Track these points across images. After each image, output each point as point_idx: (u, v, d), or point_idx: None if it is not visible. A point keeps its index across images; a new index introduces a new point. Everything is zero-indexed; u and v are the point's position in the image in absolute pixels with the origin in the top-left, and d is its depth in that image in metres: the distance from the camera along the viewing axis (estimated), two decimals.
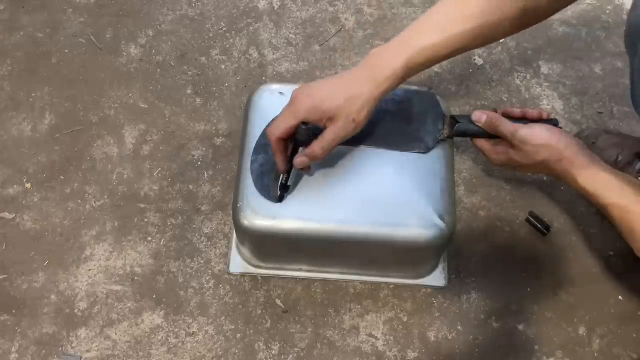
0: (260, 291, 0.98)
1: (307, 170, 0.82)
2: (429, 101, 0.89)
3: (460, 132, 0.87)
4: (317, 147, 0.76)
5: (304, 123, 0.75)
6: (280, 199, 0.83)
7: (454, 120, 0.87)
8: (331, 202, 0.84)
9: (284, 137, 0.77)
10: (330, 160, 0.86)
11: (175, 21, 1.21)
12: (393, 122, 0.87)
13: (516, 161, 0.84)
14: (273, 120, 0.80)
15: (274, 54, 1.17)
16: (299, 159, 0.78)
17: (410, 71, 0.75)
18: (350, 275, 0.97)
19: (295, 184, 0.83)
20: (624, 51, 0.95)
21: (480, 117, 0.85)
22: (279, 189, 0.82)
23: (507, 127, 0.83)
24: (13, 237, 1.01)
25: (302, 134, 0.76)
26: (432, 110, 0.88)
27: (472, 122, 0.86)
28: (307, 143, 0.77)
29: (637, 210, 0.75)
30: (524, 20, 0.77)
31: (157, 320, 0.96)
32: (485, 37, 0.77)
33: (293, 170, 0.81)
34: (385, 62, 0.74)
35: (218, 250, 1.00)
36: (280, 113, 0.77)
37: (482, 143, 0.87)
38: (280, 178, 0.82)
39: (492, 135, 0.85)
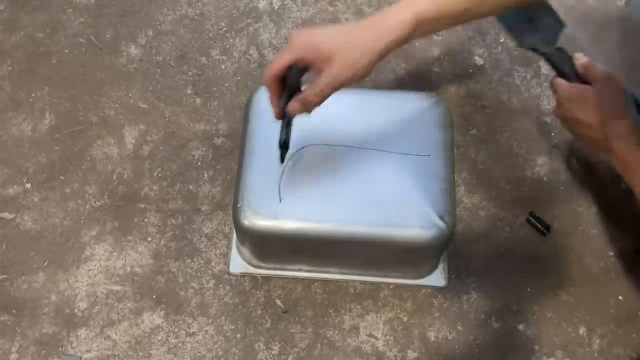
0: (260, 291, 0.98)
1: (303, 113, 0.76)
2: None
3: (553, 59, 0.91)
4: (311, 91, 0.71)
5: (296, 66, 0.71)
6: (281, 159, 0.80)
7: (560, 50, 0.90)
8: (331, 202, 0.84)
9: (279, 75, 0.72)
10: (330, 160, 0.86)
11: (175, 21, 1.21)
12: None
13: (586, 98, 0.84)
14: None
15: (274, 54, 1.17)
16: (292, 105, 0.73)
17: (420, 25, 0.71)
18: (350, 275, 0.98)
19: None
20: None
21: (581, 57, 0.88)
22: (278, 147, 0.78)
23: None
24: (13, 237, 1.01)
25: (293, 77, 0.72)
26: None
27: (564, 59, 0.90)
28: (297, 89, 0.74)
29: None
30: None
31: (157, 320, 0.96)
32: None
33: (290, 124, 0.77)
34: (395, 13, 0.71)
35: (218, 250, 1.00)
36: (278, 53, 0.74)
37: (560, 80, 0.88)
38: (279, 134, 0.77)
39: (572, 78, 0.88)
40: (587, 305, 0.97)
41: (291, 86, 0.73)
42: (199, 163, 1.07)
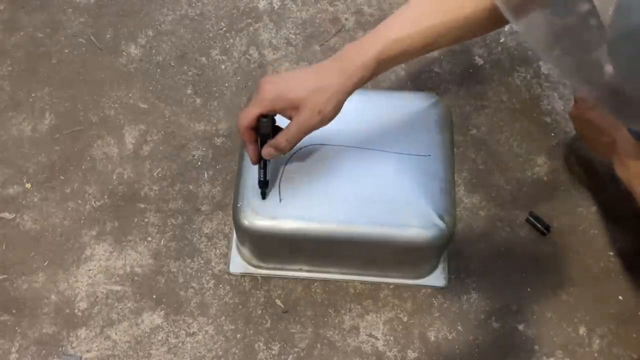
0: (260, 291, 0.98)
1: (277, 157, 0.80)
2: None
3: None
4: (282, 138, 0.75)
5: (264, 116, 0.75)
6: (262, 196, 0.83)
7: None
8: (331, 202, 0.84)
9: (251, 126, 0.76)
10: (331, 160, 0.86)
11: (175, 21, 1.21)
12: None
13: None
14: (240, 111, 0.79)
15: (274, 54, 1.17)
16: (266, 150, 0.77)
17: (383, 63, 0.73)
18: (350, 275, 0.98)
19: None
20: None
21: None
22: (259, 185, 0.83)
23: None
24: (13, 237, 1.01)
25: (263, 127, 0.76)
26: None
27: None
28: (272, 136, 0.76)
29: None
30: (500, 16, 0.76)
31: (157, 320, 0.96)
32: (460, 29, 0.74)
33: (267, 164, 0.81)
34: (357, 54, 0.73)
35: (218, 250, 1.00)
36: (247, 103, 0.75)
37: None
38: (257, 174, 0.82)
39: None
40: (587, 305, 0.97)
41: (263, 134, 0.77)
42: (199, 163, 1.07)
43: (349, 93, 0.74)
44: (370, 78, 0.74)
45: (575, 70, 0.45)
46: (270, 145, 0.77)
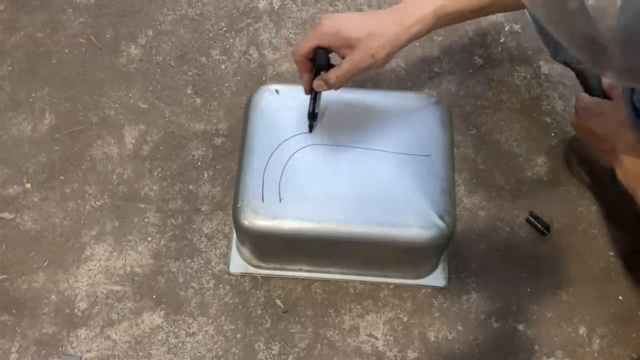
0: (260, 291, 0.98)
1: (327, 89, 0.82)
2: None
3: (582, 75, 0.93)
4: (333, 74, 0.78)
5: (321, 48, 0.77)
6: (310, 128, 0.87)
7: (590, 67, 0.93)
8: (331, 202, 0.84)
9: (307, 56, 0.79)
10: (330, 160, 0.86)
11: (175, 21, 1.21)
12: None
13: (601, 110, 0.86)
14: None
15: (274, 54, 1.17)
16: (317, 82, 0.80)
17: (440, 19, 0.75)
18: (350, 275, 0.98)
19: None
20: None
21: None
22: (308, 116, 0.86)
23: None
24: (13, 237, 1.01)
25: (320, 58, 0.78)
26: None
27: (592, 76, 0.92)
28: (326, 69, 0.79)
29: None
30: None
31: (157, 320, 0.96)
32: None
33: (318, 97, 0.84)
34: (416, 7, 0.75)
35: (218, 250, 1.00)
36: (307, 34, 0.79)
37: (584, 95, 0.90)
38: (308, 105, 0.85)
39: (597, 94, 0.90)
40: (587, 305, 0.97)
41: (318, 65, 0.80)
42: (199, 163, 1.07)
43: (402, 45, 0.76)
44: (426, 32, 0.75)
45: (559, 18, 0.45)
46: (322, 78, 0.79)
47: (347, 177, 0.85)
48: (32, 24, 1.20)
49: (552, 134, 1.10)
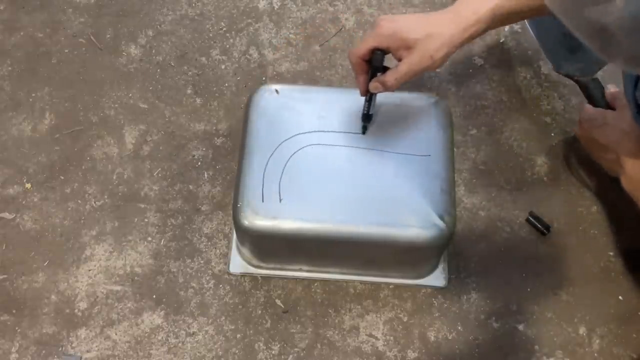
0: (260, 291, 0.98)
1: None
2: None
3: (586, 88, 0.97)
4: (391, 75, 0.77)
5: (380, 50, 0.77)
6: (363, 130, 0.87)
7: (594, 80, 0.97)
8: (331, 202, 0.84)
9: (363, 58, 0.79)
10: (331, 160, 0.86)
11: (175, 21, 1.21)
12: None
13: (605, 120, 0.88)
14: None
15: (274, 54, 1.17)
16: (373, 84, 0.80)
17: (498, 18, 0.74)
18: (350, 275, 0.98)
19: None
20: None
21: (613, 87, 0.93)
22: (362, 118, 0.86)
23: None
24: (13, 237, 1.01)
25: (377, 59, 0.78)
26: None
27: (596, 89, 0.95)
28: (382, 70, 0.79)
29: None
30: None
31: (157, 320, 0.96)
32: None
33: (373, 99, 0.84)
34: (472, 7, 0.74)
35: (218, 250, 1.00)
36: (363, 36, 0.78)
37: (588, 106, 0.93)
38: (362, 107, 0.85)
39: (600, 105, 0.94)
40: (587, 305, 0.97)
41: (375, 66, 0.80)
42: (199, 163, 1.07)
43: (460, 45, 0.75)
44: (483, 32, 0.75)
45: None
46: (379, 80, 0.79)
47: (347, 177, 0.85)
48: (32, 24, 1.20)
49: (552, 134, 1.10)
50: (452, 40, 0.74)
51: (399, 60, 0.77)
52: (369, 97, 0.84)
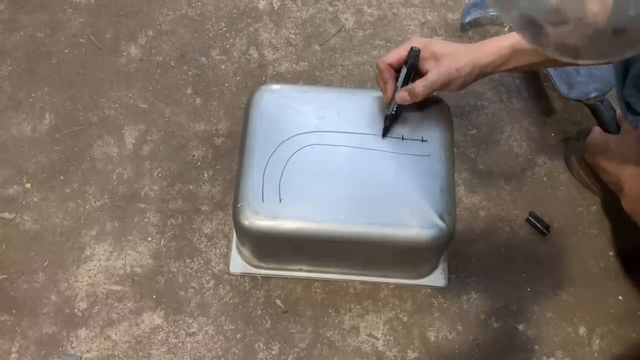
0: (260, 291, 0.98)
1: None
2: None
3: (596, 110, 1.01)
4: (420, 83, 0.81)
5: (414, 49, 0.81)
6: (384, 132, 0.87)
7: (603, 102, 1.01)
8: (331, 202, 0.84)
9: (392, 65, 0.83)
10: (331, 160, 0.86)
11: (175, 21, 1.21)
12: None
13: (607, 146, 0.94)
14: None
15: (274, 54, 1.17)
16: (401, 94, 0.83)
17: (517, 53, 0.79)
18: (350, 275, 0.97)
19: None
20: None
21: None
22: (384, 120, 0.87)
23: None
24: (13, 237, 1.01)
25: (413, 57, 0.81)
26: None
27: (607, 111, 1.00)
28: (415, 69, 0.82)
29: None
30: None
31: (157, 320, 0.96)
32: None
33: (396, 108, 0.86)
34: (494, 41, 0.81)
35: (218, 250, 1.00)
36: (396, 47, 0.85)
37: (596, 128, 0.99)
38: (387, 108, 0.86)
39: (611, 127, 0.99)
40: (587, 305, 0.97)
41: (412, 63, 0.82)
42: (199, 163, 1.07)
43: (480, 70, 0.81)
44: (502, 64, 0.81)
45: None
46: (408, 89, 0.82)
47: (347, 177, 0.85)
48: (32, 24, 1.20)
49: (552, 134, 1.10)
50: (474, 62, 0.80)
51: (425, 72, 0.81)
52: (394, 105, 0.86)
